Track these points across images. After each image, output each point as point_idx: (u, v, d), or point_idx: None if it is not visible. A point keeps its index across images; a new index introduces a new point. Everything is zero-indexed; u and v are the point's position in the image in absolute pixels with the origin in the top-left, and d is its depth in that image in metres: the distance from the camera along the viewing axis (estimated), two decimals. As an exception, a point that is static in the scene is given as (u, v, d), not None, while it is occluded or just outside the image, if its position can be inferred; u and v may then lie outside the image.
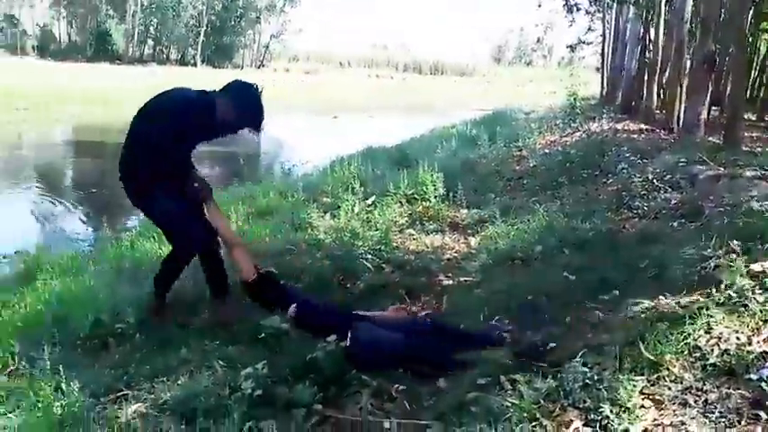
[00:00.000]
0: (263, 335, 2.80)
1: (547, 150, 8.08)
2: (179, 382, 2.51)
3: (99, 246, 5.48)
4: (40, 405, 2.29)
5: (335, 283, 3.67)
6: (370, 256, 4.05)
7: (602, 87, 18.93)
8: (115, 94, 23.56)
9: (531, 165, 7.22)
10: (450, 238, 4.70)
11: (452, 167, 6.69)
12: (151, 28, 49.49)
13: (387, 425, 2.27)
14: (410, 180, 5.60)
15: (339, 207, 5.08)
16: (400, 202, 5.35)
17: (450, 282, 3.83)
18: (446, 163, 6.84)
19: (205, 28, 48.93)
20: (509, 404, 2.19)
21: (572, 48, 21.83)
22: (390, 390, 2.56)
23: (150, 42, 50.44)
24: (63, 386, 2.40)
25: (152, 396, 2.41)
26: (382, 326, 2.95)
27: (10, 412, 2.31)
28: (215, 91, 3.07)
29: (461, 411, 2.24)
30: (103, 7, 47.21)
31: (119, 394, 2.45)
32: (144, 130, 2.96)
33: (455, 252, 4.45)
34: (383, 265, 4.01)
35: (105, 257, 4.48)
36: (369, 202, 5.27)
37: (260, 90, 3.08)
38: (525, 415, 2.13)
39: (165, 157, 2.94)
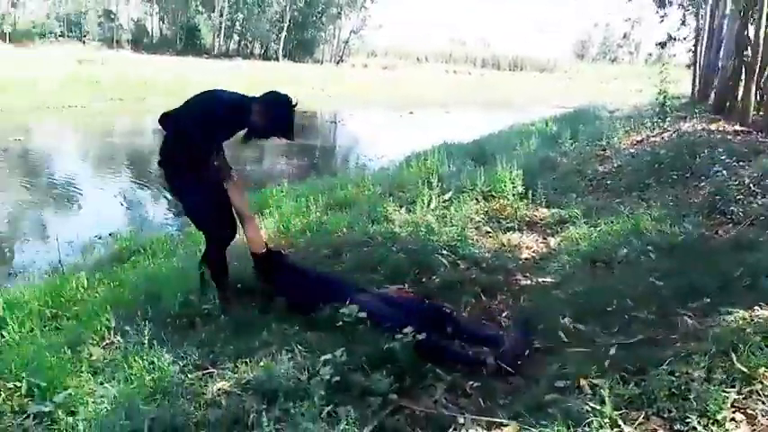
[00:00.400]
0: (340, 323, 2.85)
1: (633, 150, 7.75)
2: (260, 363, 2.60)
3: (186, 230, 5.74)
4: (133, 377, 2.44)
5: (412, 277, 3.69)
6: (445, 252, 4.04)
7: (694, 86, 17.92)
8: (202, 87, 24.60)
9: (616, 165, 6.95)
10: (529, 237, 4.61)
11: (532, 165, 6.56)
12: (237, 23, 51.16)
13: (461, 420, 2.27)
14: (488, 177, 5.53)
15: (415, 202, 5.09)
16: (477, 198, 5.29)
17: (528, 282, 3.76)
18: (525, 160, 6.71)
19: (287, 23, 50.10)
20: (589, 408, 2.14)
21: (662, 44, 20.76)
22: (465, 385, 2.56)
23: (236, 37, 52.20)
24: (155, 360, 2.55)
25: (235, 375, 2.52)
26: (383, 301, 3.09)
27: (107, 382, 2.47)
28: (254, 97, 3.27)
29: (538, 412, 2.20)
30: (193, 3, 49.27)
31: (204, 372, 2.57)
32: (181, 121, 3.20)
33: (533, 252, 4.37)
34: (458, 262, 3.99)
35: (192, 240, 4.69)
36: (445, 197, 5.26)
37: (293, 103, 3.26)
38: (606, 421, 2.07)
39: (194, 148, 3.17)
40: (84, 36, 43.81)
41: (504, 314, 3.30)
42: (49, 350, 2.60)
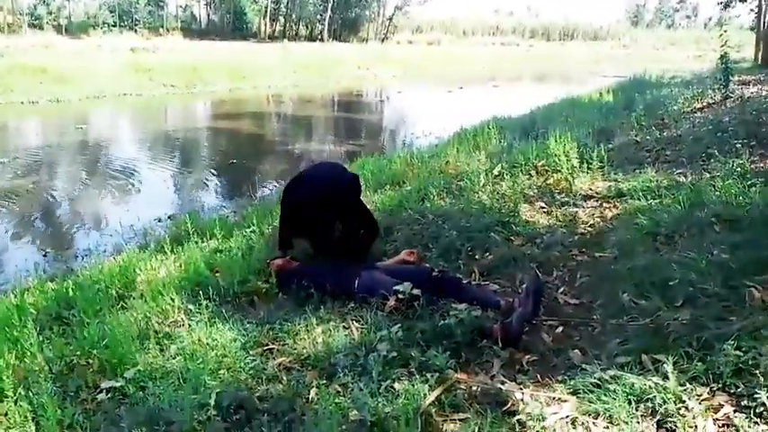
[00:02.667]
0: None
1: (694, 119, 7.43)
2: (318, 340, 2.66)
3: (241, 212, 5.88)
4: (197, 354, 2.54)
5: (465, 254, 3.67)
6: (498, 228, 4.00)
7: (758, 49, 17.00)
8: (252, 70, 24.96)
9: (676, 134, 6.67)
10: (585, 211, 4.50)
11: (585, 137, 6.37)
12: (282, 5, 51.47)
13: (519, 395, 2.26)
14: (540, 150, 5.42)
15: (466, 178, 5.04)
16: (530, 173, 5.20)
17: (585, 257, 3.68)
18: (579, 132, 6.53)
19: (332, 3, 50.03)
20: (652, 384, 2.09)
21: (724, 5, 19.70)
22: (522, 360, 2.54)
23: (281, 20, 52.54)
24: (217, 338, 2.63)
25: (295, 351, 2.58)
26: (387, 273, 3.15)
27: (172, 358, 2.58)
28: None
29: (598, 389, 2.17)
30: (239, -12, 49.80)
31: (265, 348, 2.65)
32: None
33: (589, 226, 4.25)
34: (512, 238, 3.94)
35: (249, 223, 4.80)
36: (495, 172, 5.19)
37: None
38: (670, 396, 2.02)
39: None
40: (136, 25, 44.97)
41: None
42: (118, 328, 2.73)
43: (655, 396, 2.03)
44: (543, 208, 4.58)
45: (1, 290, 4.45)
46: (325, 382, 2.29)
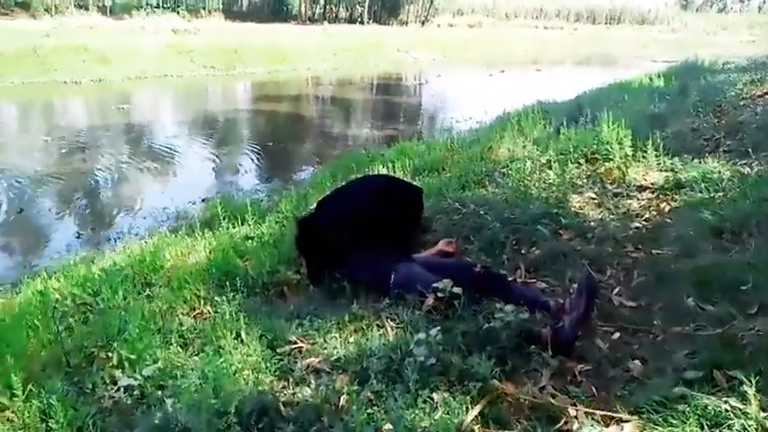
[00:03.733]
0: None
1: (755, 106, 6.92)
2: (351, 339, 2.46)
3: (275, 197, 5.73)
4: (222, 351, 2.37)
5: (509, 248, 3.41)
6: (545, 220, 3.72)
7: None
8: (292, 52, 24.86)
9: (736, 122, 6.21)
10: (639, 204, 4.17)
11: (638, 123, 5.97)
12: (322, -13, 51.14)
13: (572, 411, 2.02)
14: (591, 137, 5.07)
15: (509, 165, 4.76)
16: (579, 161, 4.87)
17: (641, 254, 3.38)
18: (631, 118, 6.12)
19: (372, -15, 49.49)
20: (729, 408, 1.83)
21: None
22: (574, 370, 2.29)
23: (321, 2, 52.25)
24: (243, 334, 2.46)
25: (325, 351, 2.38)
26: (427, 267, 2.90)
27: (195, 355, 2.42)
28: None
29: (665, 408, 1.91)
30: (279, -30, 49.63)
31: (293, 347, 2.46)
32: None
33: (645, 220, 3.94)
34: (560, 231, 3.66)
35: (282, 208, 4.63)
36: (542, 160, 4.88)
37: None
38: (752, 423, 1.76)
39: None
40: (179, 6, 45.32)
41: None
42: (141, 319, 2.58)
43: (733, 422, 1.77)
44: (594, 199, 4.27)
45: (33, 272, 4.39)
46: (356, 388, 2.08)
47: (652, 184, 4.54)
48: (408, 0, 54.74)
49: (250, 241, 3.71)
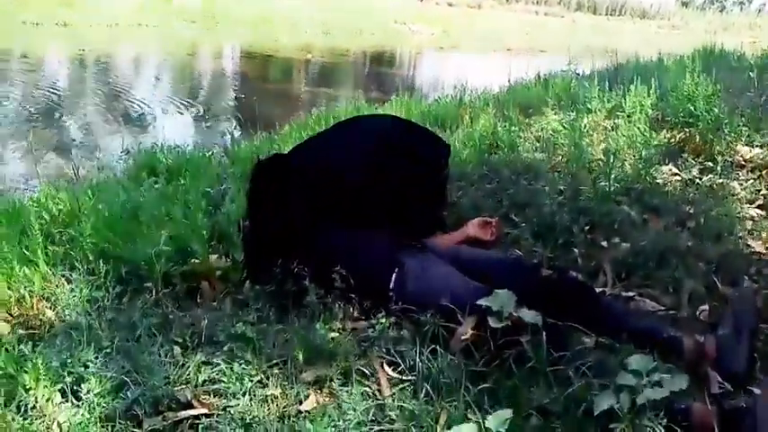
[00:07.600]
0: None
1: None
2: (302, 408, 1.16)
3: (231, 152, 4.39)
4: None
5: (581, 237, 2.12)
6: (623, 199, 2.46)
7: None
8: (277, 16, 23.32)
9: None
10: (742, 186, 2.92)
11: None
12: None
13: None
14: (662, 93, 3.79)
15: (555, 126, 3.48)
16: (646, 124, 3.57)
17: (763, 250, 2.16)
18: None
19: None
20: None
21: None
22: None
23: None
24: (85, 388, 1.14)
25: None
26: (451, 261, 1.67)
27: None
28: None
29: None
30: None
31: (182, 416, 1.15)
32: None
33: (758, 207, 2.70)
34: (645, 217, 2.39)
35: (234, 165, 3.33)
36: (599, 120, 3.61)
37: None
38: None
39: None
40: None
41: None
42: None
43: None
44: (676, 174, 3.02)
45: None
46: None
47: (747, 160, 3.30)
48: (407, -27, 53.17)
49: (167, 203, 2.37)
